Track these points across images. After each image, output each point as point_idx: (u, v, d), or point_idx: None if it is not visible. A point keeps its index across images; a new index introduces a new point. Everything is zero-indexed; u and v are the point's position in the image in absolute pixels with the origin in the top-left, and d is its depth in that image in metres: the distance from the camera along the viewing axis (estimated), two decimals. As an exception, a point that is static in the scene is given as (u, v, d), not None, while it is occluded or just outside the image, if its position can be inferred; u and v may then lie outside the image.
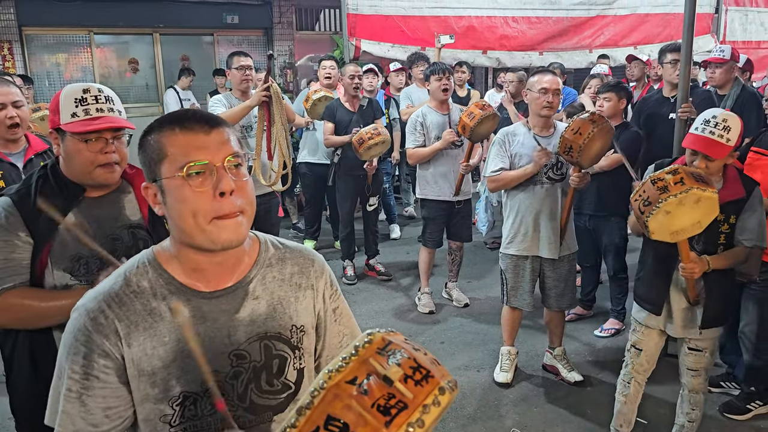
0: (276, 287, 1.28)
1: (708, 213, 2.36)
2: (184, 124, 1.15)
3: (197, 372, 1.18)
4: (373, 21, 7.11)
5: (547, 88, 3.38)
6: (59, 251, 1.78)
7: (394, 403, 0.83)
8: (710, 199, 2.31)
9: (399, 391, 0.84)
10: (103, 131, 1.78)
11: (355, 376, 0.86)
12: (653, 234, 2.39)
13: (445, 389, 0.87)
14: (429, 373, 0.87)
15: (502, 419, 3.35)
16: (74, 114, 1.77)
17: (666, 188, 2.30)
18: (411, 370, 0.87)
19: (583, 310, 4.62)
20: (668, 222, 2.34)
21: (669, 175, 2.34)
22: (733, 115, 2.59)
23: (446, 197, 4.60)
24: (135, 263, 1.23)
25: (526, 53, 7.92)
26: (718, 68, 4.46)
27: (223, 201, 1.12)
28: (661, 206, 2.29)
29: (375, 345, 0.90)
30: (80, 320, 1.17)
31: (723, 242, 2.63)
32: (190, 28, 9.74)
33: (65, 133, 1.78)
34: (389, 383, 0.85)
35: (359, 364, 0.87)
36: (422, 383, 0.86)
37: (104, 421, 1.17)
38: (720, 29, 9.26)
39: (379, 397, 0.83)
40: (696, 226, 2.39)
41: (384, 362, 0.87)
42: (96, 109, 1.78)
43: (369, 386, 0.84)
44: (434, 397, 0.85)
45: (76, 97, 1.78)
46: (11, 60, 8.47)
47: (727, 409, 3.34)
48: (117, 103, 1.86)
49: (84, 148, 1.78)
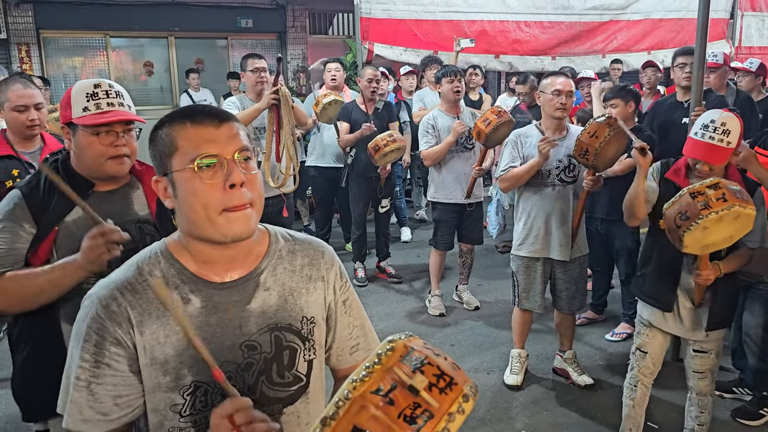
0: (287, 278, 1.30)
1: (742, 228, 2.34)
2: (194, 118, 1.18)
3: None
4: (386, 25, 7.12)
5: (560, 89, 3.39)
6: (66, 243, 1.81)
7: (420, 413, 0.83)
8: (749, 216, 2.27)
9: (425, 400, 0.85)
10: (113, 124, 1.82)
11: (380, 385, 0.86)
12: (686, 248, 2.36)
13: (468, 396, 0.87)
14: (453, 381, 0.88)
15: (511, 422, 3.35)
16: (86, 108, 1.80)
17: (707, 204, 2.25)
18: (435, 378, 0.87)
19: (594, 314, 4.60)
20: (704, 237, 2.31)
21: (710, 189, 2.28)
22: (731, 116, 2.56)
23: (457, 200, 4.61)
24: (147, 253, 1.25)
25: (539, 58, 7.89)
26: (712, 73, 4.48)
27: (233, 193, 1.14)
28: (701, 222, 2.25)
29: (398, 353, 0.90)
30: (93, 308, 1.18)
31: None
32: (205, 32, 9.84)
33: (77, 127, 1.82)
34: (415, 393, 0.85)
35: (383, 374, 0.87)
36: (446, 391, 0.86)
37: (114, 409, 1.19)
38: (735, 34, 9.20)
39: (405, 407, 0.84)
40: (727, 240, 2.38)
41: (408, 371, 0.87)
42: (107, 104, 1.82)
43: (394, 396, 0.84)
44: (459, 405, 0.86)
45: (87, 92, 1.82)
46: (29, 62, 8.60)
47: (740, 414, 3.31)
48: (127, 98, 1.90)
49: (95, 141, 1.81)
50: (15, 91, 2.85)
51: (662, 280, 2.74)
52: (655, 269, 2.78)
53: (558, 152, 3.46)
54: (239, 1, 9.67)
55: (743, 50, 9.03)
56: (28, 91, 2.86)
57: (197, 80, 8.63)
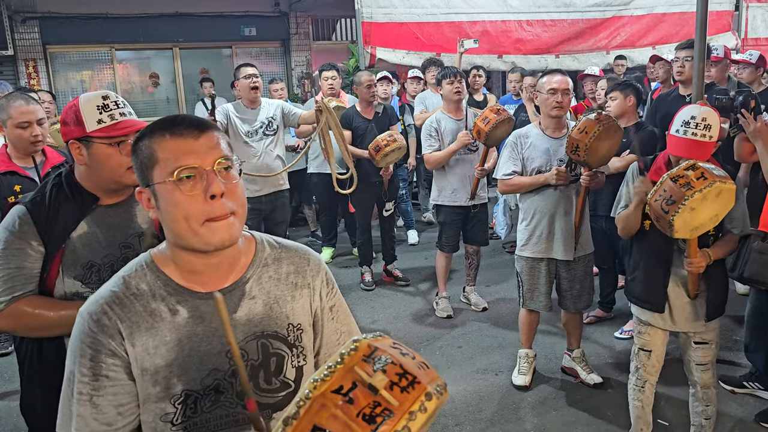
0: (272, 287, 1.30)
1: (725, 205, 2.36)
2: (173, 129, 1.18)
3: (198, 371, 1.21)
4: (387, 28, 7.14)
5: (555, 88, 3.37)
6: (71, 259, 1.80)
7: (379, 412, 0.83)
8: (730, 191, 2.31)
9: (384, 398, 0.84)
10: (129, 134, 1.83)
11: (340, 384, 0.86)
12: (677, 233, 2.37)
13: (432, 394, 0.86)
14: (415, 379, 0.87)
15: (520, 422, 3.33)
16: (100, 121, 1.81)
17: (689, 184, 2.28)
18: (397, 377, 0.87)
19: (602, 312, 4.57)
20: (692, 218, 2.33)
21: (689, 171, 2.32)
22: (709, 110, 2.57)
23: (461, 202, 4.60)
24: (133, 267, 1.26)
25: (542, 56, 7.88)
26: (713, 67, 4.46)
27: (214, 204, 1.15)
28: (687, 203, 2.27)
29: (361, 352, 0.90)
30: (84, 324, 1.20)
31: (713, 233, 2.62)
32: (209, 42, 9.91)
33: (91, 140, 1.81)
34: (374, 391, 0.85)
35: (344, 373, 0.87)
36: (408, 389, 0.86)
37: (118, 418, 1.20)
38: (741, 26, 9.13)
39: (365, 405, 0.84)
40: (713, 220, 2.39)
41: (369, 370, 0.87)
42: (119, 114, 1.84)
43: (354, 395, 0.85)
44: (420, 404, 0.85)
45: (97, 104, 1.82)
46: (36, 78, 8.70)
47: (764, 418, 3.24)
48: (129, 106, 1.92)
49: (114, 153, 1.81)
50: (17, 108, 2.84)
51: (652, 282, 2.74)
52: (644, 272, 2.78)
53: (558, 152, 3.45)
54: (242, 10, 9.73)
55: (749, 42, 8.96)
56: (30, 107, 2.85)
57: (212, 89, 8.69)
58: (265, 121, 4.65)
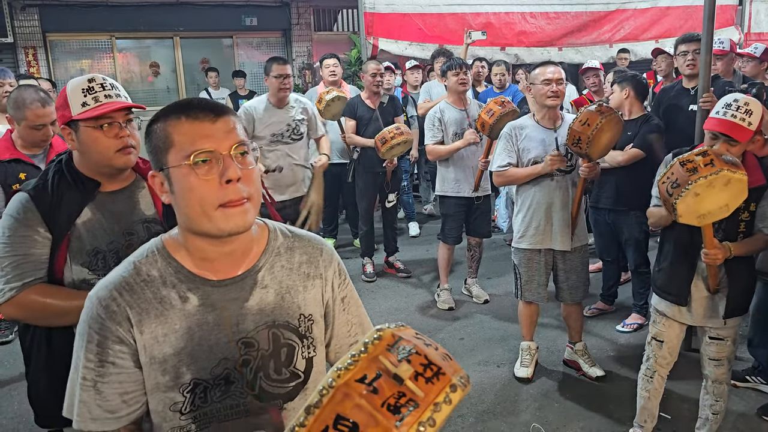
0: (284, 276, 1.29)
1: (737, 196, 2.33)
2: (189, 112, 1.16)
3: (208, 360, 1.20)
4: (390, 19, 7.10)
5: (550, 78, 3.36)
6: (76, 246, 1.79)
7: (404, 402, 0.82)
8: (740, 181, 2.27)
9: (409, 389, 0.83)
10: (114, 115, 1.79)
11: (364, 374, 0.84)
12: (680, 217, 2.35)
13: (456, 386, 0.85)
14: (440, 370, 0.86)
15: (522, 414, 3.33)
16: (84, 104, 1.78)
17: (696, 170, 2.26)
18: (422, 368, 0.85)
19: (604, 305, 4.57)
20: (696, 204, 2.30)
21: (698, 156, 2.30)
22: (754, 99, 2.55)
23: (465, 194, 4.58)
24: (144, 252, 1.24)
25: (545, 49, 7.84)
26: (719, 60, 4.46)
27: (229, 188, 1.13)
28: (691, 188, 2.25)
29: (385, 341, 0.89)
30: (93, 309, 1.18)
31: (743, 230, 2.59)
32: (210, 31, 9.86)
33: (78, 125, 1.79)
34: (399, 381, 0.83)
35: (369, 362, 0.86)
36: (433, 380, 0.84)
37: (122, 406, 1.19)
38: (744, 21, 9.09)
39: (390, 396, 0.82)
40: (723, 210, 2.35)
41: (394, 359, 0.86)
42: (105, 96, 1.80)
43: (379, 385, 0.83)
44: (445, 395, 0.84)
45: (82, 87, 1.79)
46: (36, 66, 8.65)
47: (766, 411, 3.24)
48: (122, 89, 1.88)
49: (100, 136, 1.78)
50: (33, 110, 2.81)
51: (678, 274, 2.71)
52: (670, 264, 2.75)
53: (553, 142, 3.44)
54: (244, -1, 9.69)
55: (752, 36, 8.92)
56: (47, 110, 2.82)
57: (216, 78, 8.64)
58: (293, 124, 4.50)
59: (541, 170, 3.41)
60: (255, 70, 9.94)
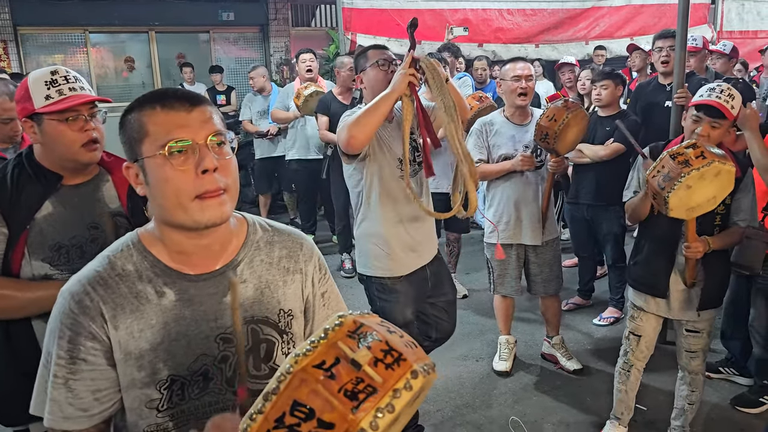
0: (264, 271, 1.27)
1: (724, 187, 2.36)
2: (165, 102, 1.14)
3: (185, 356, 1.17)
4: (368, 15, 7.10)
5: (519, 75, 3.37)
6: (37, 241, 1.75)
7: (362, 388, 0.80)
8: (729, 172, 2.31)
9: (368, 375, 0.81)
10: (79, 109, 1.76)
11: (323, 359, 0.83)
12: (672, 211, 2.36)
13: (418, 372, 0.84)
14: (401, 356, 0.84)
15: (501, 408, 3.35)
16: (48, 96, 1.74)
17: (687, 162, 2.28)
18: (382, 354, 0.84)
19: (581, 300, 4.62)
20: (687, 197, 2.33)
21: (689, 149, 2.32)
22: (734, 88, 2.61)
23: (443, 189, 4.58)
24: (119, 246, 1.21)
25: (522, 45, 7.89)
26: (692, 57, 4.50)
27: (205, 179, 1.11)
28: (684, 180, 2.27)
29: (345, 328, 0.87)
30: (65, 304, 1.15)
31: (718, 223, 2.63)
32: (186, 26, 9.71)
33: (41, 118, 1.75)
34: (357, 367, 0.82)
35: (327, 348, 0.84)
36: (393, 367, 0.83)
37: (94, 404, 1.16)
38: (717, 19, 9.24)
39: (347, 381, 0.81)
40: (711, 202, 2.39)
41: (353, 345, 0.84)
42: (69, 89, 1.77)
43: (337, 371, 0.82)
44: (406, 381, 0.82)
45: (45, 80, 1.76)
46: (6, 60, 8.45)
47: (739, 402, 3.31)
48: (85, 83, 1.85)
49: (65, 129, 1.75)
50: (0, 104, 2.69)
51: (655, 266, 2.74)
52: (647, 257, 2.78)
53: (523, 138, 3.47)
54: (220, -7, 9.57)
55: (724, 34, 9.08)
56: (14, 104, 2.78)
57: (192, 74, 8.53)
58: None
59: (511, 167, 3.43)
60: (232, 65, 9.83)
